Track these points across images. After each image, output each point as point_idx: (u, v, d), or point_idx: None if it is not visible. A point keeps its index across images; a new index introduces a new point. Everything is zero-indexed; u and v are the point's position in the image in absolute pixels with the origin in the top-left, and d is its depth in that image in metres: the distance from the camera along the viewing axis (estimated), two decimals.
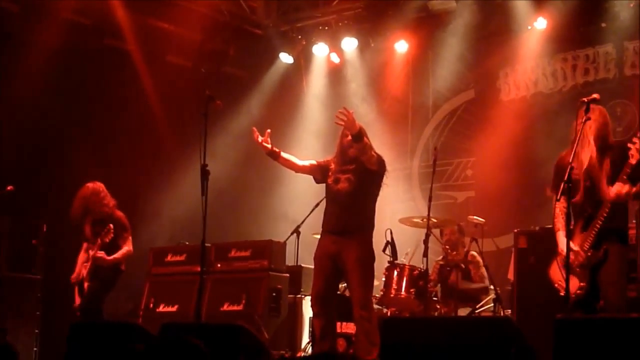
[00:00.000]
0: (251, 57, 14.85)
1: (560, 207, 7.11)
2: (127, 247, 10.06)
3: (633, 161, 6.79)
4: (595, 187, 7.07)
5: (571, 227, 6.97)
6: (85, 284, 9.84)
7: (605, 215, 6.91)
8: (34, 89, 11.79)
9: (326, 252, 8.25)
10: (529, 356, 5.00)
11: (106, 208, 10.07)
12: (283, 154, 8.48)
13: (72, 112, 12.67)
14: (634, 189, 6.90)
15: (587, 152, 7.10)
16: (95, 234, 9.94)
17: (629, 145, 6.84)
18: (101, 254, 9.76)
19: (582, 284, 6.99)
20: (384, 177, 8.40)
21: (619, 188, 6.87)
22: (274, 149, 8.38)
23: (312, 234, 8.70)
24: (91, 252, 9.81)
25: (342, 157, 8.43)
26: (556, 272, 7.16)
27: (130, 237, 10.15)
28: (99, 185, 10.15)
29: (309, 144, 14.56)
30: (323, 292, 8.24)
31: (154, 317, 10.79)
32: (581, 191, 7.08)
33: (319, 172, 8.60)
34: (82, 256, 10.14)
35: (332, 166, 8.47)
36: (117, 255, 9.92)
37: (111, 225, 9.77)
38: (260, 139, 8.28)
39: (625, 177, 6.84)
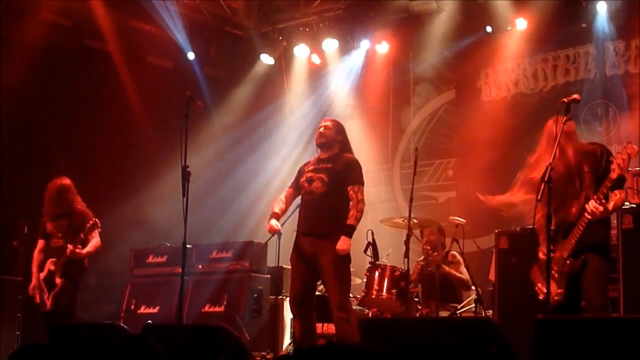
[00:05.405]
0: (232, 58, 14.86)
1: (541, 209, 7.08)
2: (96, 239, 9.75)
3: (614, 175, 6.72)
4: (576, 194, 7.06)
5: (552, 227, 6.98)
6: (57, 280, 9.54)
7: (585, 223, 6.88)
8: (14, 89, 11.73)
9: (302, 254, 8.25)
10: (509, 356, 5.00)
11: (77, 203, 9.87)
12: (278, 211, 8.53)
13: (53, 113, 12.64)
14: (610, 207, 6.87)
15: (567, 159, 7.08)
16: (58, 227, 9.71)
17: (611, 158, 6.81)
18: (79, 248, 9.51)
19: (559, 290, 6.98)
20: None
21: (594, 207, 6.81)
22: (276, 218, 8.50)
23: (293, 230, 8.70)
24: (69, 247, 9.49)
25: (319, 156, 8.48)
26: (536, 276, 7.16)
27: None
28: (69, 181, 9.90)
29: (289, 145, 14.57)
30: (301, 293, 8.23)
31: (135, 318, 10.77)
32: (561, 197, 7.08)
33: (298, 193, 8.58)
34: (38, 256, 9.86)
35: (307, 168, 8.47)
36: (90, 248, 9.64)
37: (96, 220, 9.61)
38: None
39: (602, 195, 6.78)
